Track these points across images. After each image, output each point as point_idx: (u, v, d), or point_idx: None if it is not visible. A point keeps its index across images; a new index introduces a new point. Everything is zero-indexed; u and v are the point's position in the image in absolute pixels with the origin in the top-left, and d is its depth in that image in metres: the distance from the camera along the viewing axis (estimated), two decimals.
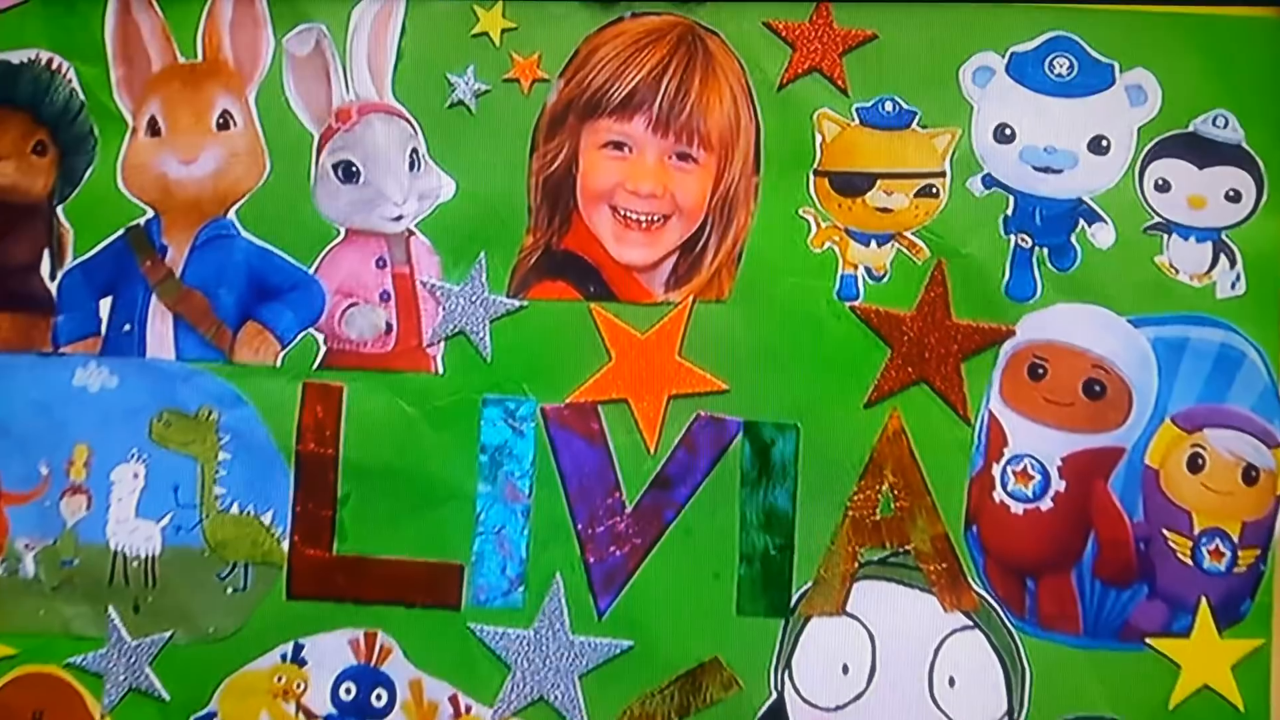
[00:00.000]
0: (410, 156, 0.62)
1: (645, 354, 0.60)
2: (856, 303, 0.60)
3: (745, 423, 0.60)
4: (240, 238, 0.63)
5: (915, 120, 0.60)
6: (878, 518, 0.59)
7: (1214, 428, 0.57)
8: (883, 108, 0.60)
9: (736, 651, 0.59)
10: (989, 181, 0.60)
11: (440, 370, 0.62)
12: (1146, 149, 0.59)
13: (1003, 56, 0.60)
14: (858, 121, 0.60)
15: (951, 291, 0.59)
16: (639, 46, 0.60)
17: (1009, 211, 0.60)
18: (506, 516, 0.61)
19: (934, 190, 0.60)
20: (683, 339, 0.60)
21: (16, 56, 0.63)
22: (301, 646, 0.61)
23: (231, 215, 0.63)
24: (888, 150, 0.60)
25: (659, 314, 0.61)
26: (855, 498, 0.59)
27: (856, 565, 0.59)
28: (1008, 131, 0.60)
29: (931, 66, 0.60)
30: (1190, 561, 0.57)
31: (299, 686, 0.61)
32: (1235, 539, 0.57)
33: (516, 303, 0.61)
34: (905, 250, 0.60)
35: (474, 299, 0.61)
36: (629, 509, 0.60)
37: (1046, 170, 0.59)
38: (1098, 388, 0.58)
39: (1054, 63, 0.59)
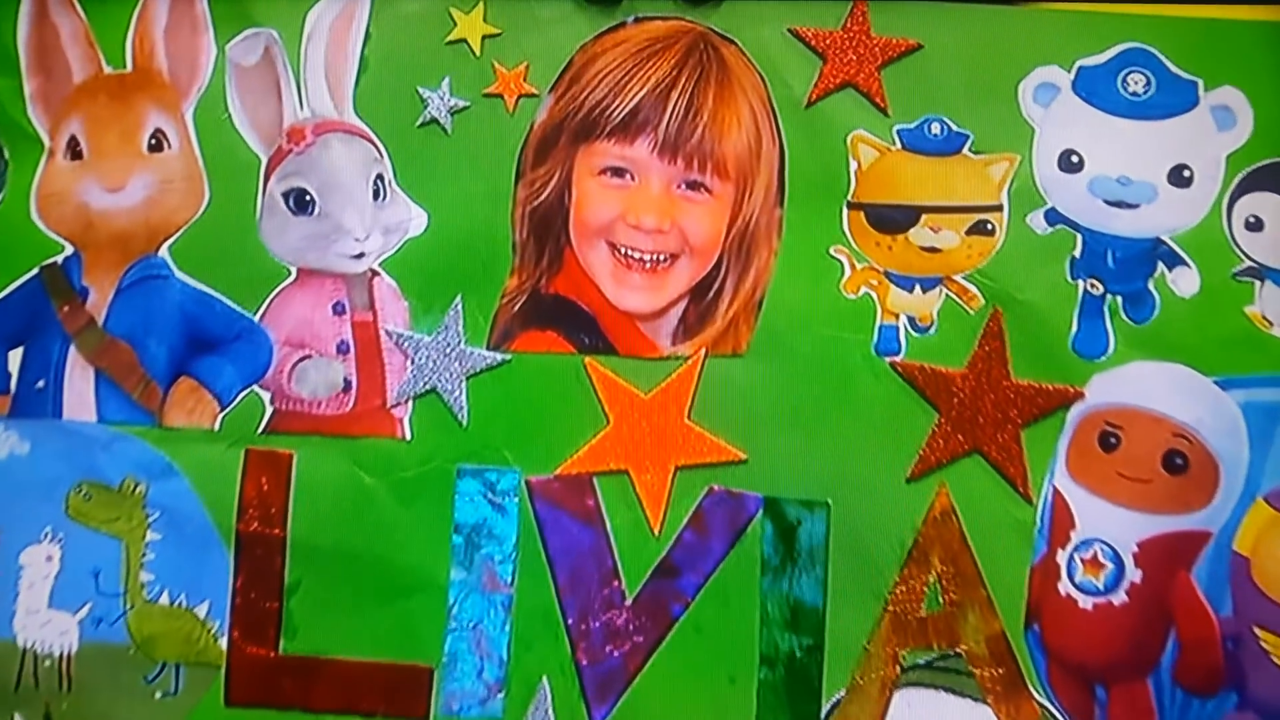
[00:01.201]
0: (374, 184, 0.57)
1: (649, 417, 0.56)
2: (898, 358, 0.55)
3: (766, 499, 0.55)
4: (174, 279, 0.58)
5: (967, 144, 0.55)
6: (923, 614, 0.55)
7: None
8: (929, 130, 0.55)
9: None
10: (1053, 217, 0.55)
11: (408, 435, 0.57)
12: (1236, 181, 0.54)
13: (1069, 71, 0.55)
14: (899, 145, 0.56)
15: (1009, 346, 0.55)
16: (643, 57, 0.55)
17: (1076, 253, 0.55)
18: (484, 609, 0.56)
19: (989, 227, 0.55)
20: (693, 400, 0.56)
21: None
22: None
23: (164, 253, 0.58)
24: (934, 179, 0.55)
25: (665, 370, 0.56)
26: (896, 590, 0.55)
27: (898, 670, 0.55)
28: (1074, 159, 0.55)
29: (986, 82, 0.55)
30: None
31: None
32: None
33: (498, 356, 0.56)
34: (955, 297, 0.56)
35: (448, 351, 0.57)
36: (629, 601, 0.55)
37: (1120, 205, 0.55)
38: (1179, 460, 0.53)
39: (1128, 79, 0.55)
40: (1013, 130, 0.55)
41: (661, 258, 0.56)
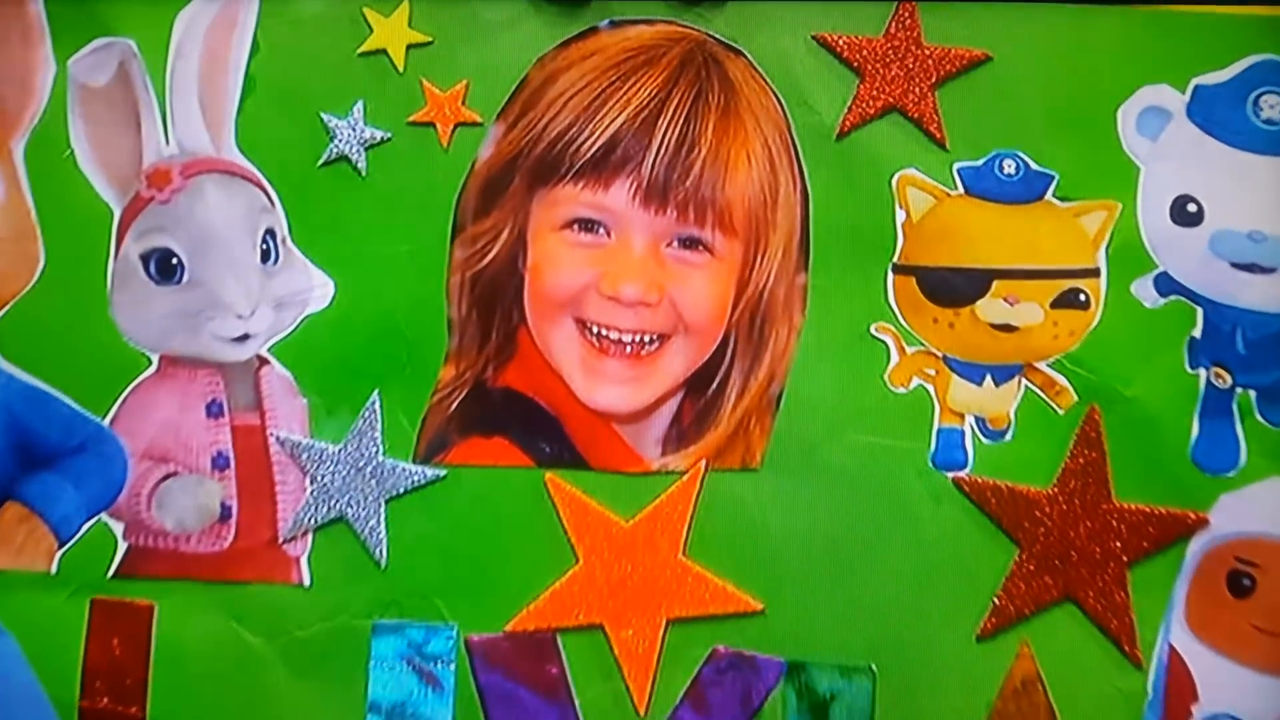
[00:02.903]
0: (263, 242, 0.53)
1: (632, 553, 0.51)
2: (963, 474, 0.51)
3: (790, 664, 0.51)
4: None
5: (1050, 188, 0.51)
6: None
7: None
8: (1000, 168, 0.51)
9: None
10: (1166, 285, 0.51)
11: (306, 580, 0.53)
12: None
13: (1183, 92, 0.50)
14: (961, 189, 0.51)
15: (1111, 457, 0.50)
16: (622, 73, 0.51)
17: (1196, 332, 0.51)
18: None
19: (1082, 298, 0.51)
20: (690, 529, 0.51)
21: None
22: None
23: None
24: (1009, 234, 0.51)
25: (653, 490, 0.52)
26: None
27: None
28: (1192, 208, 0.50)
29: (1074, 105, 0.51)
30: None
31: None
32: None
33: (429, 472, 0.52)
34: (1039, 391, 0.51)
35: (361, 466, 0.52)
36: None
37: (1252, 268, 0.51)
38: None
39: (1260, 102, 0.51)
40: (1111, 170, 0.51)
41: (647, 339, 0.52)
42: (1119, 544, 0.50)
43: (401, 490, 0.52)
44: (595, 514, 0.51)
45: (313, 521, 0.52)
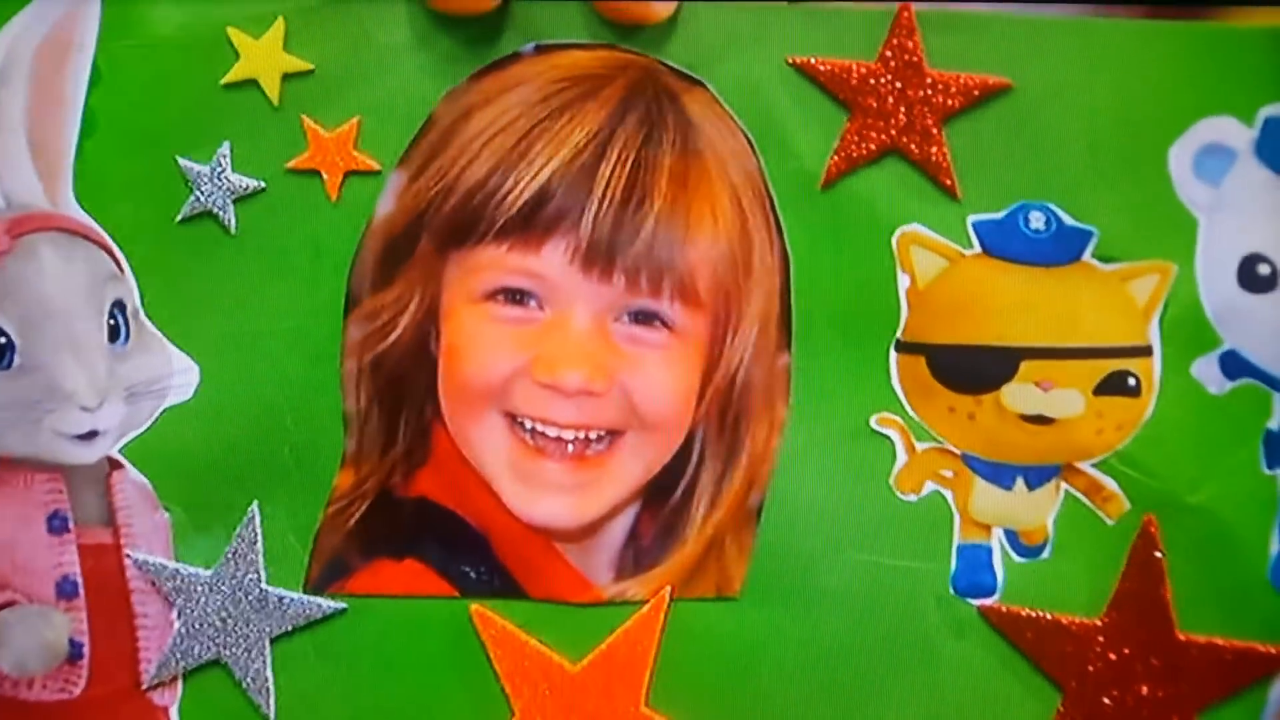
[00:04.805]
0: (111, 316, 0.48)
1: (581, 703, 0.46)
2: (991, 601, 0.46)
3: None
4: None
5: (1089, 247, 0.45)
6: None
7: None
8: (1026, 222, 0.45)
9: None
10: (1234, 365, 0.46)
11: None
12: None
13: (1250, 126, 0.45)
14: (978, 248, 0.45)
15: (1172, 579, 0.45)
16: (552, 109, 0.46)
17: (1274, 423, 0.45)
18: None
19: (1131, 383, 0.45)
20: (652, 673, 0.46)
21: None
22: None
23: None
24: (1039, 304, 0.45)
25: (606, 624, 0.46)
26: None
27: None
28: (1264, 269, 0.45)
29: (1117, 144, 0.45)
30: None
31: None
32: None
33: (324, 604, 0.47)
34: (1082, 497, 0.46)
35: (238, 597, 0.47)
36: None
37: None
38: None
39: None
40: (1163, 223, 0.45)
41: (594, 437, 0.46)
42: (1186, 687, 0.44)
43: (290, 627, 0.46)
44: (534, 655, 0.45)
45: (183, 664, 0.46)
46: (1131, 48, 0.45)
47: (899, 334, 0.45)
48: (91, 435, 0.47)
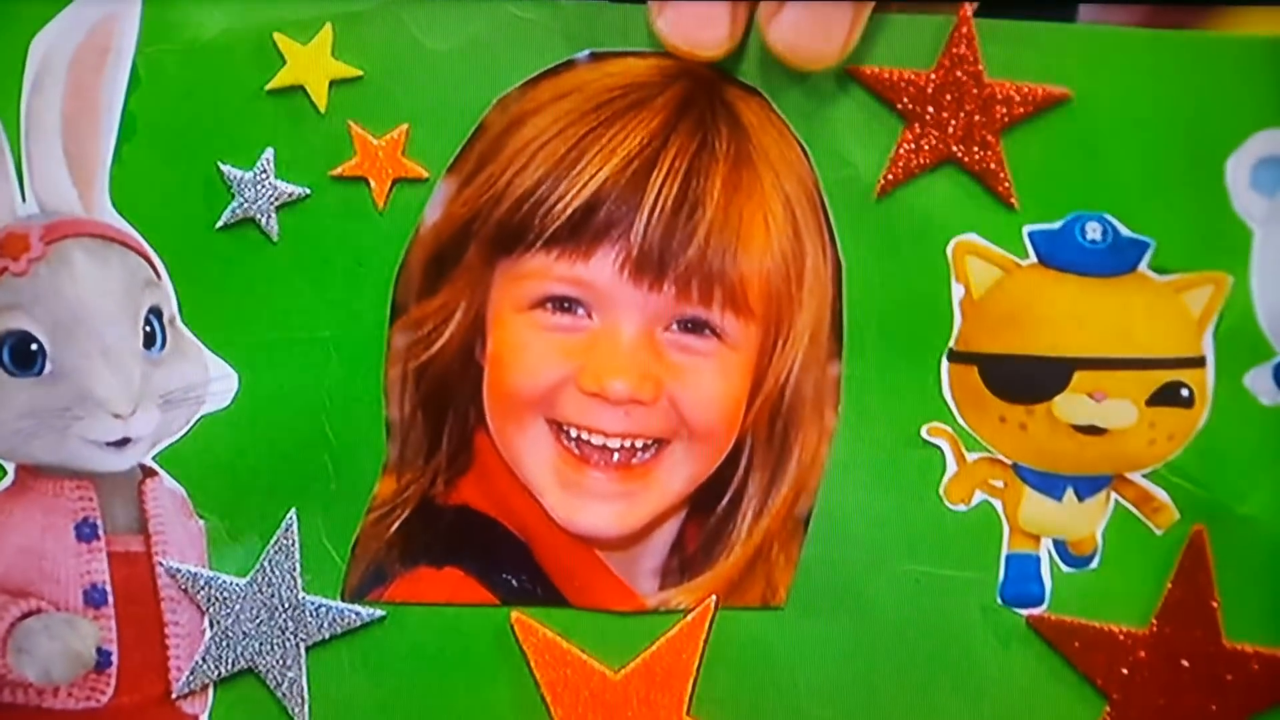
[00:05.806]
0: (146, 323, 0.47)
1: (622, 712, 0.46)
2: (1039, 610, 0.46)
3: None
4: None
5: (1145, 258, 0.45)
6: None
7: None
8: (1082, 233, 0.45)
9: None
10: None
11: None
12: None
13: None
14: (1034, 259, 0.45)
15: (1220, 590, 0.45)
16: (604, 117, 0.45)
17: None
18: None
19: (1184, 393, 0.46)
20: (696, 682, 0.45)
21: None
22: None
23: None
24: (1094, 315, 0.45)
25: (649, 632, 0.46)
26: None
27: None
28: None
29: (1174, 156, 0.45)
30: None
31: None
32: None
33: (363, 612, 0.46)
34: (1132, 508, 0.46)
35: (274, 605, 0.47)
36: None
37: None
38: None
39: None
40: (1219, 234, 0.45)
41: (640, 446, 0.46)
42: (1232, 697, 0.44)
43: (327, 635, 0.45)
44: (576, 663, 0.45)
45: (215, 673, 0.46)
46: (1190, 59, 0.45)
47: (952, 343, 0.45)
48: (124, 442, 0.46)
